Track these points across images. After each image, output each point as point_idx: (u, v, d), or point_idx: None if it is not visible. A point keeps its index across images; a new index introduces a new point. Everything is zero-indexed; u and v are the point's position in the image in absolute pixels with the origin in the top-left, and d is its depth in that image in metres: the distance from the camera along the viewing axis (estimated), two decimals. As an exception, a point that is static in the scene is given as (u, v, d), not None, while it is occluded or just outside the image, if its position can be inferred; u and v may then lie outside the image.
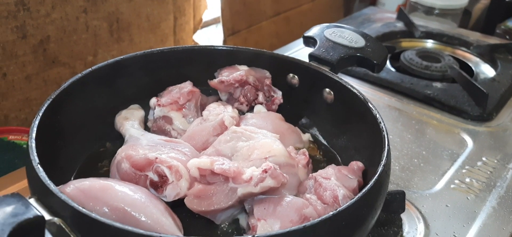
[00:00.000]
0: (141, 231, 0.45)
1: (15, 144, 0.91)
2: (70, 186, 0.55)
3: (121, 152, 0.66)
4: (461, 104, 1.03)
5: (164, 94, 0.79)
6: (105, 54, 1.11)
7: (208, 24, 1.44)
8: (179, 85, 0.80)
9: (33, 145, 0.55)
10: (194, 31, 1.34)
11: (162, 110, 0.76)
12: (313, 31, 0.87)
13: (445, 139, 0.95)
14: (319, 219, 0.48)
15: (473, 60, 1.29)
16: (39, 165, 0.52)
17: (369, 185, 0.54)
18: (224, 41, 1.36)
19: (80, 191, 0.55)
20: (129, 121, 0.74)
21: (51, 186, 0.50)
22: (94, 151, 0.75)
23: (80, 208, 0.47)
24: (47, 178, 0.51)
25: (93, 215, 0.46)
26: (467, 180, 0.83)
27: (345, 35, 0.85)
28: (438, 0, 1.56)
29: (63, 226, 0.47)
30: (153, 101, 0.78)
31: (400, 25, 1.44)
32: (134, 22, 1.15)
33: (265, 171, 0.59)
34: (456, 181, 0.83)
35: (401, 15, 1.48)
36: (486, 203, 0.78)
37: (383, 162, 0.57)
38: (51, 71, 1.03)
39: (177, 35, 1.28)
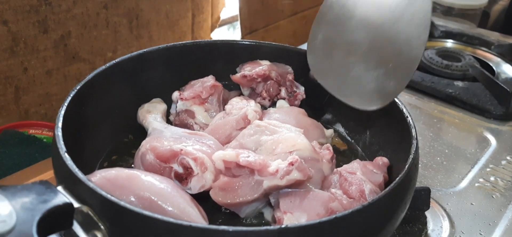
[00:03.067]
0: (171, 220, 0.45)
1: (35, 138, 0.91)
2: (97, 175, 0.55)
3: (146, 144, 0.65)
4: (483, 103, 1.02)
5: (187, 88, 0.78)
6: (124, 51, 1.11)
7: (225, 22, 1.43)
8: (201, 79, 0.79)
9: (60, 134, 0.55)
10: (212, 29, 1.34)
11: (184, 104, 0.76)
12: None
13: (467, 138, 0.94)
14: (350, 210, 0.47)
15: (494, 60, 1.27)
16: (66, 154, 0.52)
17: (399, 177, 0.53)
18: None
19: (107, 180, 0.54)
20: (151, 114, 0.74)
21: (79, 174, 0.49)
22: (117, 143, 0.74)
23: (109, 196, 0.46)
24: (75, 166, 0.50)
25: (123, 203, 0.46)
26: (492, 178, 0.82)
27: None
28: (457, -1, 1.55)
29: (91, 214, 0.47)
30: (175, 94, 0.77)
31: (418, 25, 1.42)
32: (154, 19, 1.15)
33: (291, 163, 0.57)
34: (481, 180, 0.81)
35: (420, 15, 1.46)
36: (512, 202, 0.77)
37: (412, 156, 0.57)
38: (71, 67, 1.03)
39: (195, 33, 1.28)
